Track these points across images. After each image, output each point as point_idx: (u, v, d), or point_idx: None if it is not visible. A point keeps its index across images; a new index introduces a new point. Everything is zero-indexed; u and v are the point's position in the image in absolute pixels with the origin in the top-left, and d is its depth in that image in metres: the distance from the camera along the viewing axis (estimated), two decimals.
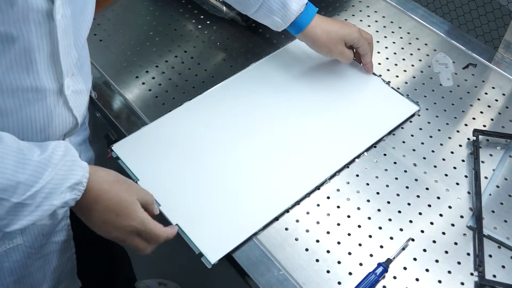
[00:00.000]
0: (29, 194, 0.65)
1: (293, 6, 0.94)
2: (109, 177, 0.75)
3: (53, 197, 0.67)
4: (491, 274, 0.79)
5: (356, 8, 1.16)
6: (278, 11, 0.94)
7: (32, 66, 0.68)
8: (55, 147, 0.69)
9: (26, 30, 0.65)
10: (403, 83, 1.03)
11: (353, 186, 0.88)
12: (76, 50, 0.75)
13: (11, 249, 0.80)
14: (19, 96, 0.70)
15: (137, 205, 0.75)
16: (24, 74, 0.69)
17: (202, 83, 1.02)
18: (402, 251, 0.81)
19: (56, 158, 0.68)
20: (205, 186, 0.86)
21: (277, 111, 0.96)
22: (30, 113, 0.72)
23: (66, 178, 0.68)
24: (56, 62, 0.71)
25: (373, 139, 0.93)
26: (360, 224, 0.84)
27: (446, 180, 0.89)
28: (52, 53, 0.70)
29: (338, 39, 0.97)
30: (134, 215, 0.74)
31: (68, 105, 0.77)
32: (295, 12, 0.94)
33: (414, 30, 1.12)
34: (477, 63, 1.06)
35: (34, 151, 0.68)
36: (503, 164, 0.91)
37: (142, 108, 0.98)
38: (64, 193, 0.68)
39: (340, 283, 0.78)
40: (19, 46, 0.65)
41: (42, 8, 0.64)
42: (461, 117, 0.98)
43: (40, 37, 0.67)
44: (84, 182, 0.71)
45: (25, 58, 0.67)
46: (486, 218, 0.84)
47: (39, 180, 0.66)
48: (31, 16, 0.64)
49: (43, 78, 0.71)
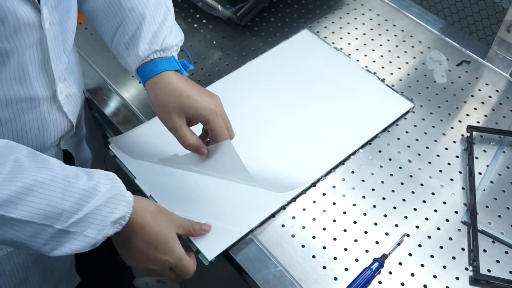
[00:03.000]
0: (72, 221, 0.64)
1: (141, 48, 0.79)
2: (151, 208, 0.74)
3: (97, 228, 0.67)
4: (485, 269, 0.79)
5: (350, 6, 1.17)
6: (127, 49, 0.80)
7: (25, 77, 0.69)
8: (101, 177, 0.68)
9: (20, 43, 0.65)
10: (398, 80, 1.03)
11: (349, 183, 0.89)
12: (65, 54, 0.75)
13: (11, 252, 0.80)
14: (13, 107, 0.70)
15: (176, 242, 0.74)
16: (18, 86, 0.69)
17: (198, 81, 1.02)
18: (398, 246, 0.82)
19: (103, 188, 0.67)
20: (202, 184, 0.86)
21: (272, 109, 0.97)
22: (25, 122, 0.72)
23: (112, 212, 0.68)
24: (48, 70, 0.71)
25: (368, 136, 0.94)
26: (356, 220, 0.85)
27: (441, 176, 0.90)
28: (43, 61, 0.70)
29: (176, 106, 0.76)
30: (172, 251, 0.74)
31: (62, 110, 0.77)
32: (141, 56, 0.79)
33: (408, 28, 1.12)
34: (471, 60, 1.06)
35: (80, 178, 0.67)
36: (497, 159, 0.92)
37: (139, 107, 0.99)
38: (108, 228, 0.68)
39: (337, 279, 0.79)
40: (14, 61, 0.66)
41: (32, 20, 0.65)
42: (455, 114, 0.98)
43: (31, 48, 0.67)
44: (127, 217, 0.70)
45: (19, 71, 0.67)
46: (480, 213, 0.85)
47: (83, 208, 0.65)
48: (22, 29, 0.64)
49: (36, 87, 0.71)
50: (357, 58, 1.06)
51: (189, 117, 0.77)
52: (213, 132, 0.78)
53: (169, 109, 0.77)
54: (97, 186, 0.67)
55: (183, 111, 0.77)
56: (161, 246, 0.73)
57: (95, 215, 0.66)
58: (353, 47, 1.09)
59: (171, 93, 0.77)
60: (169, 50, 0.81)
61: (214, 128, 0.78)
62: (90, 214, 0.66)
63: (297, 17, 1.15)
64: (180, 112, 0.77)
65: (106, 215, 0.67)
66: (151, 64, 0.79)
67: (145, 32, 0.79)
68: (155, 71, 0.78)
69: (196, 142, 0.79)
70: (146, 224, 0.72)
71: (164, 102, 0.77)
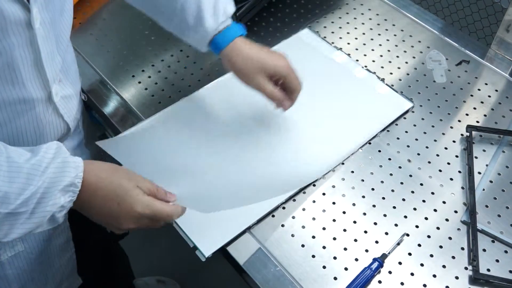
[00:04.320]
0: (19, 202, 0.62)
1: (208, 23, 0.84)
2: (105, 166, 0.71)
3: (46, 202, 0.64)
4: (485, 268, 0.80)
5: (350, 6, 1.17)
6: (194, 27, 0.85)
7: (17, 78, 0.68)
8: (47, 150, 0.66)
9: (7, 43, 0.64)
10: (397, 80, 1.04)
11: (349, 183, 0.89)
12: (59, 55, 0.75)
13: (13, 256, 0.80)
14: (7, 109, 0.69)
15: (137, 190, 0.70)
16: (10, 87, 0.68)
17: (198, 81, 1.03)
18: (397, 246, 0.82)
19: (46, 162, 0.65)
20: (199, 181, 0.86)
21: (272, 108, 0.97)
22: (21, 124, 0.72)
23: (58, 181, 0.65)
24: (41, 70, 0.70)
25: (368, 136, 0.94)
26: (356, 220, 0.85)
27: (440, 176, 0.90)
28: (36, 61, 0.69)
29: (257, 68, 0.85)
30: (137, 201, 0.70)
31: (58, 112, 0.77)
32: (210, 29, 0.85)
33: (408, 28, 1.13)
34: (470, 59, 1.07)
35: (24, 156, 0.65)
36: (496, 159, 0.92)
37: (139, 107, 0.99)
38: (58, 197, 0.65)
39: (336, 279, 0.79)
40: (2, 60, 0.65)
41: (20, 18, 0.64)
42: (455, 113, 0.99)
43: (21, 48, 0.66)
44: (78, 182, 0.67)
45: (9, 71, 0.66)
46: (480, 212, 0.85)
47: (29, 187, 0.63)
48: (9, 29, 0.63)
49: (29, 88, 0.70)
50: (357, 57, 1.06)
51: (268, 76, 0.85)
52: (290, 85, 0.86)
53: (250, 72, 0.85)
54: (41, 161, 0.65)
55: (263, 71, 0.85)
56: (123, 200, 0.69)
57: (43, 189, 0.64)
58: (352, 47, 1.09)
59: (248, 58, 0.85)
60: (229, 17, 0.87)
61: (291, 81, 0.86)
62: (38, 190, 0.63)
63: (296, 17, 1.15)
64: (261, 72, 0.85)
65: (52, 184, 0.64)
66: (221, 35, 0.86)
67: (206, 7, 0.84)
68: (227, 41, 0.86)
69: (282, 95, 0.87)
70: (101, 181, 0.69)
71: (244, 66, 0.85)
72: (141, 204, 0.70)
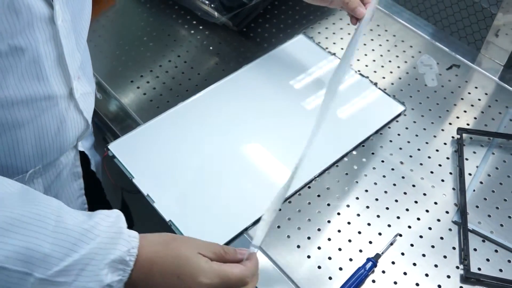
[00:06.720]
0: (58, 269, 0.53)
1: None
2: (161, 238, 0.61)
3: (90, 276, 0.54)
4: (476, 267, 0.81)
5: (343, 12, 1.17)
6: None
7: (42, 74, 0.68)
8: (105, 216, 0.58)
9: (33, 38, 0.64)
10: (390, 84, 1.05)
11: (342, 184, 0.91)
12: (79, 52, 0.75)
13: None
14: (33, 106, 0.69)
15: (199, 257, 0.59)
16: (36, 83, 0.68)
17: (195, 86, 1.04)
18: (390, 246, 0.84)
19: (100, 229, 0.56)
20: (198, 184, 0.88)
21: (268, 112, 0.99)
22: (45, 120, 0.72)
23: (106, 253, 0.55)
24: (63, 67, 0.71)
25: (361, 138, 0.96)
26: (350, 221, 0.87)
27: (432, 177, 0.92)
28: (59, 58, 0.70)
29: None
30: (199, 269, 0.58)
31: (78, 108, 0.77)
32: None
33: (400, 33, 1.14)
34: (461, 64, 1.08)
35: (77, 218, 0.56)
36: (486, 161, 0.94)
37: (137, 112, 1.00)
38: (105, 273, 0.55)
39: (331, 278, 0.80)
40: (28, 56, 0.65)
41: (44, 14, 0.65)
42: (446, 116, 1.00)
43: (45, 44, 0.66)
44: (131, 260, 0.57)
45: (35, 67, 0.67)
46: (471, 213, 0.87)
47: (73, 254, 0.54)
48: (35, 24, 0.64)
49: (53, 84, 0.70)
50: (350, 62, 1.08)
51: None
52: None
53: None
54: (94, 228, 0.56)
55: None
56: (183, 272, 0.58)
57: (88, 260, 0.54)
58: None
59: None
60: None
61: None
62: (81, 260, 0.54)
63: (291, 23, 1.17)
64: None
65: (100, 259, 0.55)
66: None
67: None
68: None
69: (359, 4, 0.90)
70: (157, 255, 0.58)
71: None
72: (205, 273, 0.58)
